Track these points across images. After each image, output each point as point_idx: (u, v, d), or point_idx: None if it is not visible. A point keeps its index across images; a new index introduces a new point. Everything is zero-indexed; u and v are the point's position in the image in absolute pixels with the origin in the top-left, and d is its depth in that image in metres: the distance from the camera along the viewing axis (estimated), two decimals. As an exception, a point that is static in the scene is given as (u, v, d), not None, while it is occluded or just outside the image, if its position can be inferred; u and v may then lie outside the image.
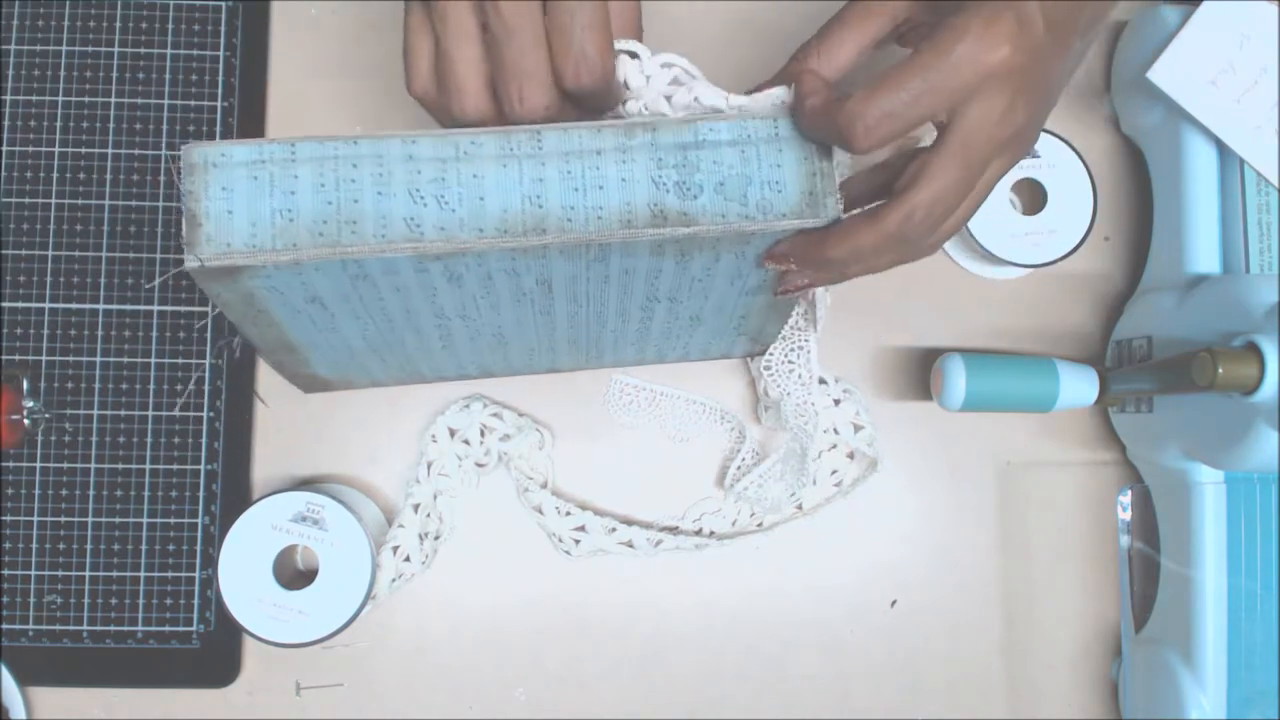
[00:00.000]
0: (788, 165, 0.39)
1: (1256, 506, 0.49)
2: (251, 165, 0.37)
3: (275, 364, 0.48)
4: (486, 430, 0.53)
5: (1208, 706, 0.49)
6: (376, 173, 0.37)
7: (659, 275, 0.42)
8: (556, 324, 0.46)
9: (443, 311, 0.43)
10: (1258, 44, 0.49)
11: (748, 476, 0.53)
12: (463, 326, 0.45)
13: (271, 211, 0.37)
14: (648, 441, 0.55)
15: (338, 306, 0.41)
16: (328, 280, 0.39)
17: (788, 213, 0.38)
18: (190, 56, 0.54)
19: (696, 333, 0.50)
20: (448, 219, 0.37)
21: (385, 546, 0.51)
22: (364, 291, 0.40)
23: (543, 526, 0.53)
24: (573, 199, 0.38)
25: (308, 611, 0.48)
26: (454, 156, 0.38)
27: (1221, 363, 0.42)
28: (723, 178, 0.38)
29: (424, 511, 0.52)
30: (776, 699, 0.55)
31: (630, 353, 0.52)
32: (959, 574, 0.56)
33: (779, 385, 0.51)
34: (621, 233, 0.38)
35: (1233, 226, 0.51)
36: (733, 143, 0.39)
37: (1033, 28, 0.35)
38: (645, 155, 0.38)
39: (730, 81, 0.40)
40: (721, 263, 0.41)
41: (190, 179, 0.37)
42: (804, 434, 0.52)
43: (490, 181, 0.37)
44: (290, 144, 0.37)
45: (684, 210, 0.38)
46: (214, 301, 0.40)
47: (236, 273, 0.37)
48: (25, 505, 0.52)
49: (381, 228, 0.37)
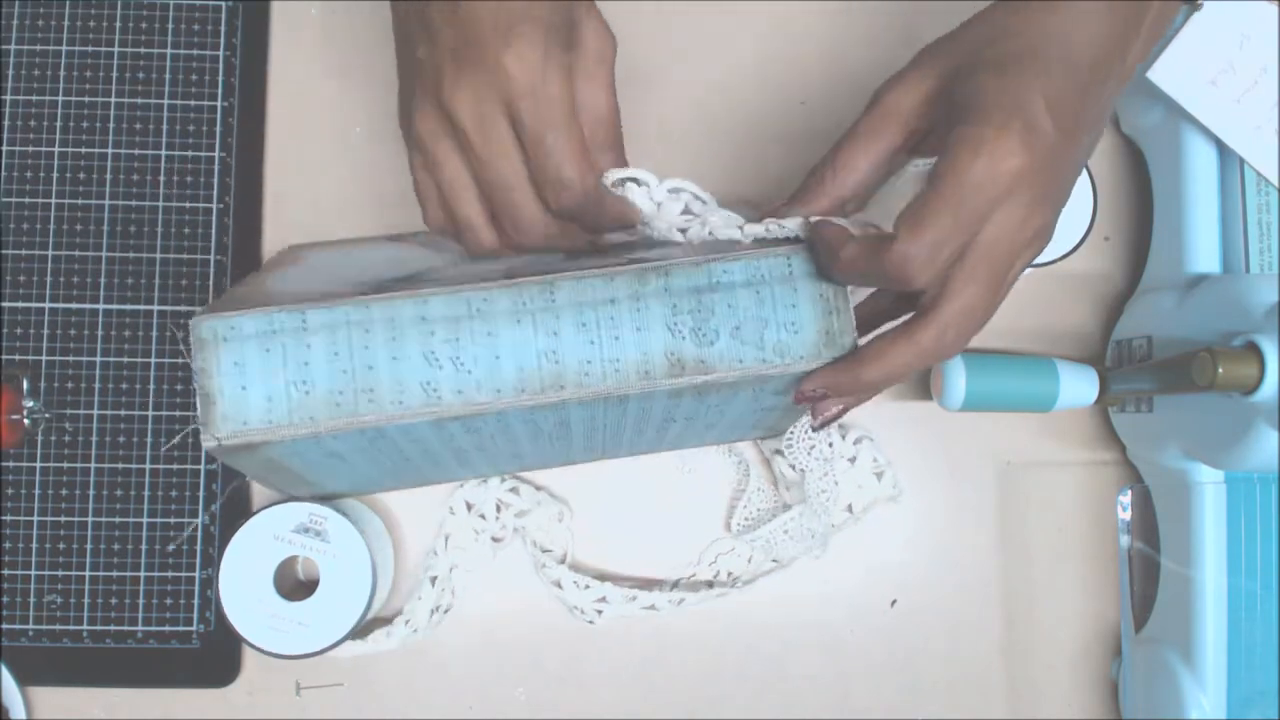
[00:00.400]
0: (803, 304, 0.38)
1: (1256, 506, 0.49)
2: (262, 337, 0.36)
3: (285, 493, 0.48)
4: (503, 506, 0.53)
5: (1208, 706, 0.49)
6: (390, 337, 0.37)
7: (676, 407, 0.42)
8: (573, 444, 0.46)
9: (460, 450, 0.43)
10: (1258, 44, 0.49)
11: (759, 530, 0.53)
12: (480, 456, 0.45)
13: (286, 385, 0.36)
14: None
15: (355, 457, 0.41)
16: (346, 443, 0.38)
17: (805, 355, 0.38)
18: (190, 56, 0.54)
19: (712, 434, 0.50)
20: (464, 381, 0.37)
21: (398, 619, 0.52)
22: (381, 446, 0.40)
23: (562, 600, 0.53)
24: (589, 352, 0.37)
25: (307, 623, 0.48)
26: (466, 315, 0.37)
27: (1221, 363, 0.42)
28: (739, 321, 0.38)
29: (440, 585, 0.52)
30: (776, 699, 0.55)
31: (645, 446, 0.51)
32: (959, 574, 0.56)
33: (799, 463, 0.51)
34: (640, 384, 0.37)
35: (1233, 226, 0.51)
36: (747, 284, 0.38)
37: (1043, 134, 0.35)
38: (659, 302, 0.38)
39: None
40: (739, 397, 0.41)
41: (201, 355, 0.36)
42: (823, 510, 0.51)
43: (505, 339, 0.37)
44: (300, 312, 0.37)
45: (701, 358, 0.38)
46: (230, 465, 0.40)
47: (255, 447, 0.37)
48: (25, 505, 0.52)
49: (399, 394, 0.36)
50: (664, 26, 0.56)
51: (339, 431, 0.36)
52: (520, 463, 0.50)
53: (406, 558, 0.54)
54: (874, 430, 0.55)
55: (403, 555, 0.54)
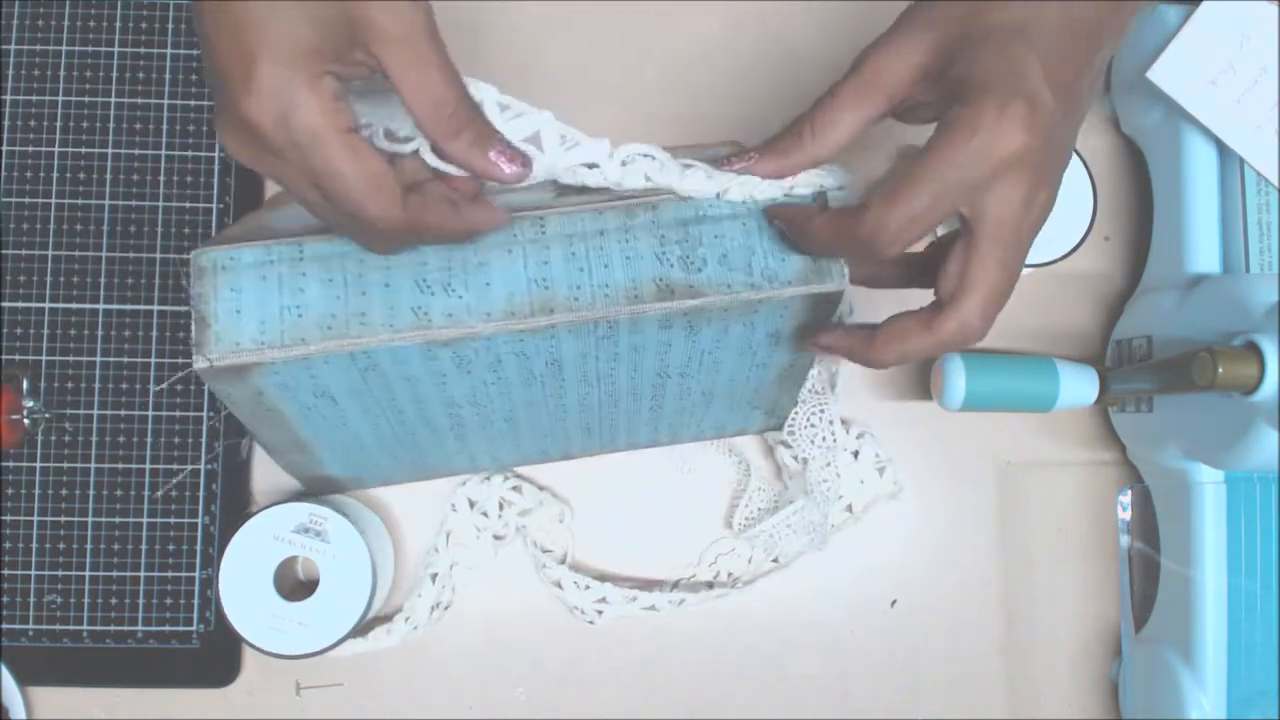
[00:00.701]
0: None
1: (1256, 506, 0.49)
2: (260, 266, 0.37)
3: (287, 465, 0.47)
4: (506, 504, 0.53)
5: (1208, 706, 0.49)
6: (383, 265, 0.38)
7: (668, 350, 0.42)
8: (568, 408, 0.46)
9: (453, 400, 0.43)
10: (1258, 44, 0.49)
11: (760, 525, 0.53)
12: (474, 414, 0.45)
13: (280, 309, 0.37)
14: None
15: (347, 401, 0.41)
16: (337, 373, 0.39)
17: (793, 279, 0.38)
18: (190, 57, 0.54)
19: (710, 409, 0.49)
20: (455, 305, 0.37)
21: (398, 616, 0.51)
22: (373, 384, 0.40)
23: (563, 600, 0.53)
24: (579, 279, 0.38)
25: (307, 623, 0.48)
26: (459, 247, 0.38)
27: (1221, 362, 0.42)
28: (726, 250, 0.38)
29: (440, 582, 0.52)
30: (776, 699, 0.55)
31: (644, 434, 0.51)
32: (959, 574, 0.56)
33: (801, 451, 0.51)
34: (629, 308, 0.38)
35: (1233, 226, 0.51)
36: (734, 216, 0.39)
37: (1044, 108, 0.34)
38: (648, 233, 0.39)
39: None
40: (730, 335, 0.41)
41: (199, 283, 0.37)
42: (825, 500, 0.51)
43: (496, 268, 0.38)
44: (298, 244, 0.38)
45: (690, 283, 0.38)
46: (222, 401, 0.40)
47: (245, 371, 0.37)
48: (25, 505, 0.52)
49: (389, 318, 0.37)
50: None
51: (329, 354, 0.37)
52: (516, 439, 0.49)
53: (407, 555, 0.54)
54: (875, 428, 0.55)
55: (403, 552, 0.54)
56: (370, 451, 0.47)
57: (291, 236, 0.38)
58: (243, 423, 0.42)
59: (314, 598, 0.48)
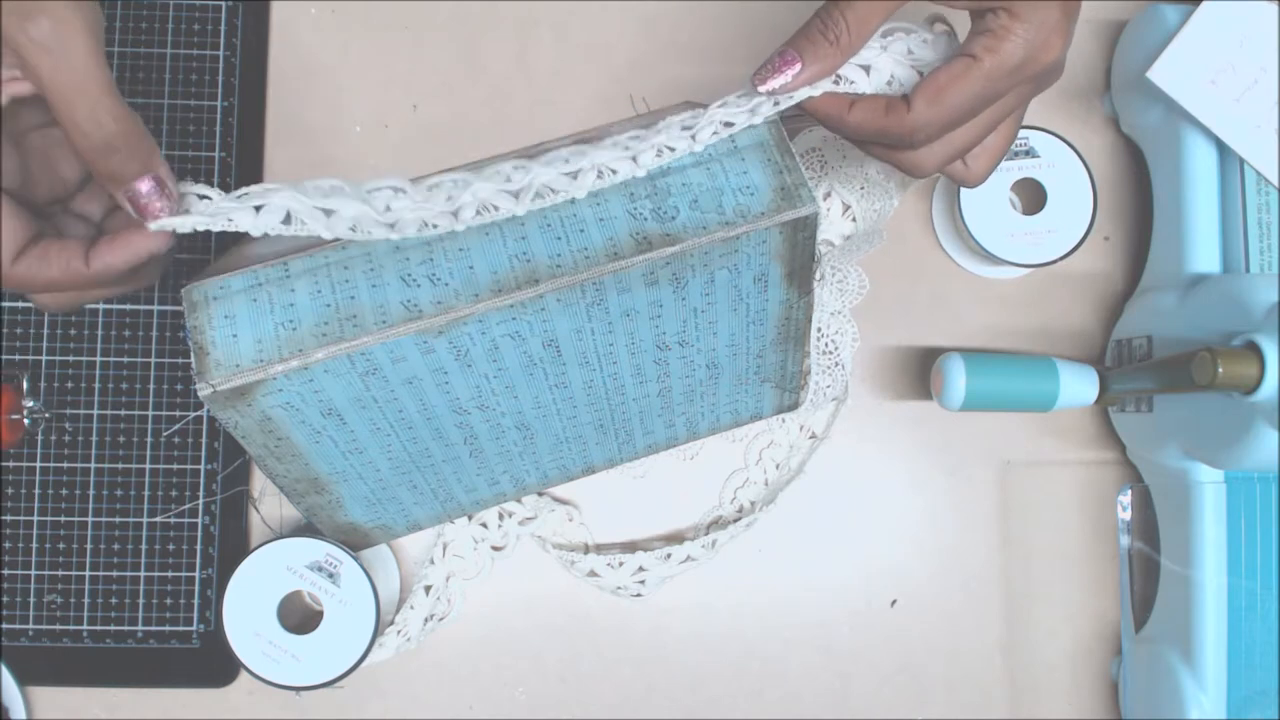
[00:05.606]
0: (754, 170, 0.40)
1: (1256, 506, 0.49)
2: (250, 290, 0.39)
3: (307, 510, 0.47)
4: (505, 514, 0.53)
5: (1208, 706, 0.49)
6: (368, 268, 0.39)
7: (660, 314, 0.42)
8: (576, 399, 0.46)
9: (459, 404, 0.43)
10: (1258, 44, 0.49)
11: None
12: (483, 421, 0.45)
13: (275, 325, 0.38)
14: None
15: (355, 416, 0.41)
16: (339, 383, 0.39)
17: (766, 210, 0.39)
18: (190, 56, 0.54)
19: (719, 388, 0.49)
20: (442, 293, 0.38)
21: (390, 629, 0.51)
22: (377, 390, 0.40)
23: (602, 588, 0.53)
24: (557, 247, 0.39)
25: (301, 657, 0.48)
26: (437, 236, 0.39)
27: (1221, 362, 0.42)
28: (695, 195, 0.39)
29: (435, 594, 0.52)
30: (776, 699, 0.55)
31: (660, 428, 0.51)
32: (959, 574, 0.56)
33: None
34: (612, 265, 0.38)
35: (1233, 226, 0.51)
36: (696, 164, 0.40)
37: (1073, 12, 0.37)
38: (617, 193, 0.40)
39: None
40: (718, 285, 0.42)
41: (194, 316, 0.38)
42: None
43: (476, 251, 0.39)
44: (283, 263, 0.39)
45: (666, 231, 0.39)
46: (233, 435, 0.40)
47: (249, 392, 0.38)
48: (25, 505, 0.52)
49: (381, 315, 0.38)
50: None
51: (329, 360, 0.38)
52: (533, 451, 0.48)
53: (403, 564, 0.54)
54: (873, 430, 0.55)
55: (400, 558, 0.54)
56: (388, 483, 0.46)
57: (277, 257, 0.39)
58: (257, 464, 0.42)
59: (313, 636, 0.48)
